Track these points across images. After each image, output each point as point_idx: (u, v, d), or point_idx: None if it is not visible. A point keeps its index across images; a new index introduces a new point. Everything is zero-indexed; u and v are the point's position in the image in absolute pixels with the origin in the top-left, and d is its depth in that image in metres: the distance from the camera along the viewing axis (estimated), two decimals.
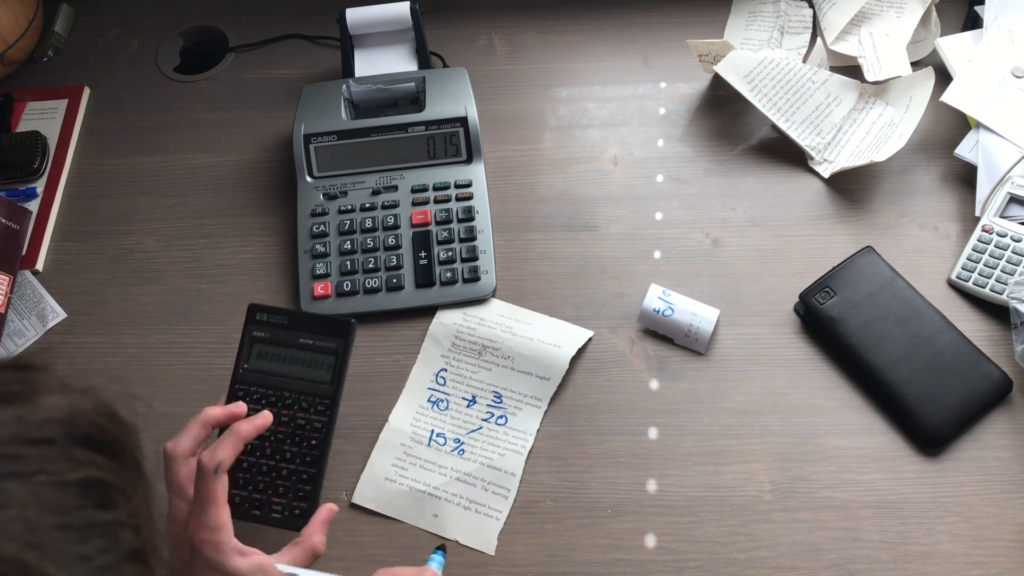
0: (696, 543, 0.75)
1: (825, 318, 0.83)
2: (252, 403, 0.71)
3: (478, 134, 0.94)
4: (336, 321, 0.73)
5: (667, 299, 0.85)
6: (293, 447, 0.71)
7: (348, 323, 0.73)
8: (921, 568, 0.73)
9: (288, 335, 0.73)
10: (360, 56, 1.01)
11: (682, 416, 0.81)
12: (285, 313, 0.73)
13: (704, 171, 0.95)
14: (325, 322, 0.73)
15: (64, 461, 0.25)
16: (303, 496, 0.71)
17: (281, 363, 0.73)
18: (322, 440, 0.71)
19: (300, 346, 0.73)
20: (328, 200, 0.93)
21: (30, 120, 1.04)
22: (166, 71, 1.09)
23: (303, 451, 0.71)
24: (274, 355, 0.73)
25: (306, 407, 0.72)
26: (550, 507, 0.78)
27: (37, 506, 0.24)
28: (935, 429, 0.78)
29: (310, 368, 0.72)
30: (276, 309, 0.73)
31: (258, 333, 0.73)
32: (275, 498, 0.71)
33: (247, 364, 0.72)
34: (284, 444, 0.71)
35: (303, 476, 0.71)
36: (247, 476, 0.71)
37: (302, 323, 0.73)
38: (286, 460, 0.71)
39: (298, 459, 0.71)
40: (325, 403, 0.72)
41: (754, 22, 1.05)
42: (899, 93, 0.94)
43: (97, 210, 0.98)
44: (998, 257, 0.84)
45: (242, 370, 0.72)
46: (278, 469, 0.71)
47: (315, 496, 0.71)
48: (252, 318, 0.73)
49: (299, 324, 0.73)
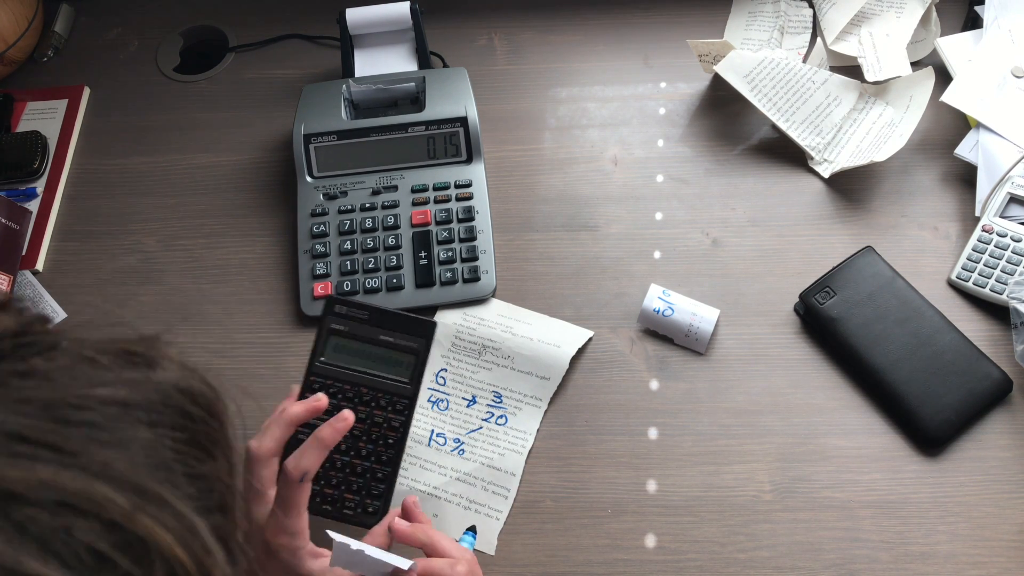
0: (696, 543, 0.75)
1: (825, 318, 0.83)
2: (329, 395, 0.69)
3: (478, 134, 0.94)
4: (419, 321, 0.71)
5: (667, 299, 0.85)
6: (369, 444, 0.70)
7: (431, 324, 0.71)
8: (921, 568, 0.73)
9: (369, 330, 0.71)
10: (360, 56, 1.01)
11: (682, 416, 0.81)
12: (366, 308, 0.71)
13: (704, 171, 0.95)
14: (407, 321, 0.71)
15: (178, 418, 0.31)
16: (377, 494, 0.70)
17: (360, 358, 0.71)
18: (399, 439, 0.70)
19: (380, 343, 0.70)
20: (328, 200, 0.93)
21: (30, 120, 1.04)
22: (166, 71, 1.09)
23: (379, 449, 0.70)
24: (352, 349, 0.71)
25: (384, 405, 0.70)
26: (550, 507, 0.78)
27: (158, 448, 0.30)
28: (935, 429, 0.78)
29: (390, 366, 0.71)
30: (357, 303, 0.71)
31: (336, 326, 0.70)
32: (348, 494, 0.70)
33: (323, 357, 0.70)
34: (360, 441, 0.70)
35: (378, 474, 0.70)
36: (320, 471, 0.69)
37: (384, 319, 0.71)
38: (361, 457, 0.70)
39: (373, 457, 0.70)
40: (404, 402, 0.70)
41: (754, 22, 1.05)
42: (899, 93, 0.94)
43: (97, 210, 0.98)
44: (998, 257, 0.84)
45: (318, 362, 0.70)
46: (352, 466, 0.70)
47: (388, 494, 0.70)
48: (330, 310, 0.71)
49: (381, 320, 0.71)
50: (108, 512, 0.27)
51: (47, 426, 0.27)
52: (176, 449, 0.30)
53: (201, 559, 0.29)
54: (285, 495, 0.62)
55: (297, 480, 0.62)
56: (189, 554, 0.29)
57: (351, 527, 0.69)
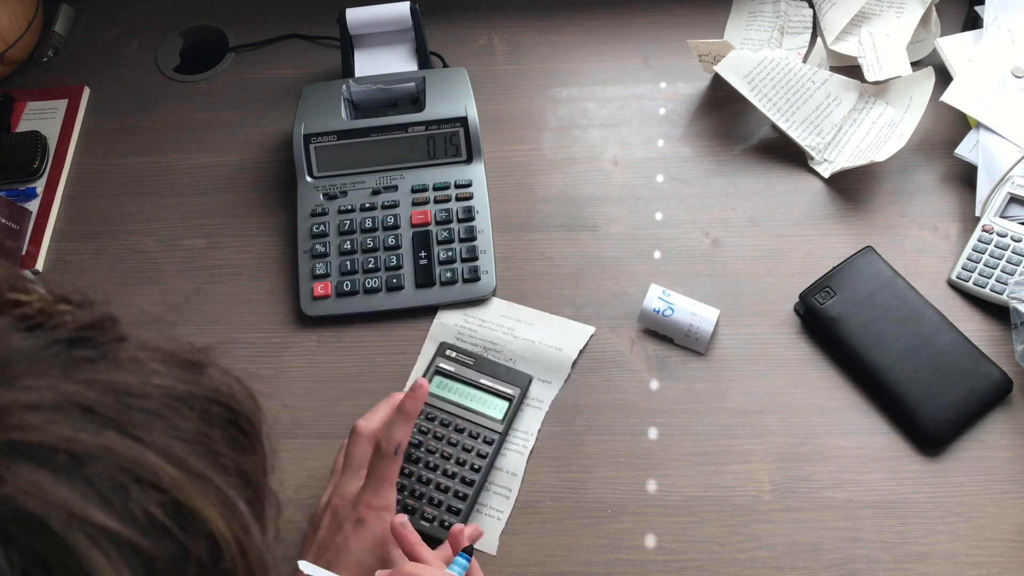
0: (696, 543, 0.75)
1: (825, 318, 0.83)
2: (426, 420, 0.79)
3: (478, 134, 0.94)
4: (518, 373, 0.82)
5: (667, 299, 0.85)
6: (456, 466, 0.78)
7: (528, 377, 0.82)
8: (921, 568, 0.73)
9: (472, 373, 0.82)
10: (360, 56, 1.01)
11: (682, 416, 0.81)
12: (473, 355, 0.83)
13: (704, 171, 0.95)
14: (507, 371, 0.82)
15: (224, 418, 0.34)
16: (455, 512, 0.76)
17: (459, 396, 0.81)
18: (484, 467, 0.78)
19: (480, 386, 0.81)
20: (328, 200, 0.93)
21: (30, 120, 1.04)
22: (166, 71, 1.09)
23: (464, 472, 0.77)
24: (454, 388, 0.81)
25: (475, 436, 0.79)
26: (550, 507, 0.78)
27: (205, 439, 0.33)
28: (935, 429, 0.78)
29: (485, 406, 0.80)
30: (466, 351, 0.83)
31: (444, 366, 0.82)
32: (428, 507, 0.76)
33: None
34: (448, 461, 0.78)
35: (459, 493, 0.77)
36: (406, 482, 0.77)
37: (487, 367, 0.82)
38: (446, 476, 0.77)
39: (458, 477, 0.77)
40: (494, 436, 0.79)
41: (754, 22, 1.05)
42: (899, 93, 0.94)
43: (97, 210, 0.98)
44: (998, 257, 0.84)
45: None
46: (437, 483, 0.77)
47: (467, 514, 0.76)
48: (441, 352, 0.83)
49: (484, 367, 0.82)
50: (161, 481, 0.30)
51: (112, 404, 0.30)
52: (221, 442, 0.34)
53: (240, 537, 0.32)
54: (380, 468, 0.69)
55: (392, 452, 0.69)
56: (230, 530, 0.32)
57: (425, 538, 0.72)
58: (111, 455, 0.29)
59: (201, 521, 0.31)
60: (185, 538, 0.30)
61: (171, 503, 0.30)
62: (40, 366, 0.30)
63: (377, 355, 0.86)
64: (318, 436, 0.81)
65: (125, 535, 0.28)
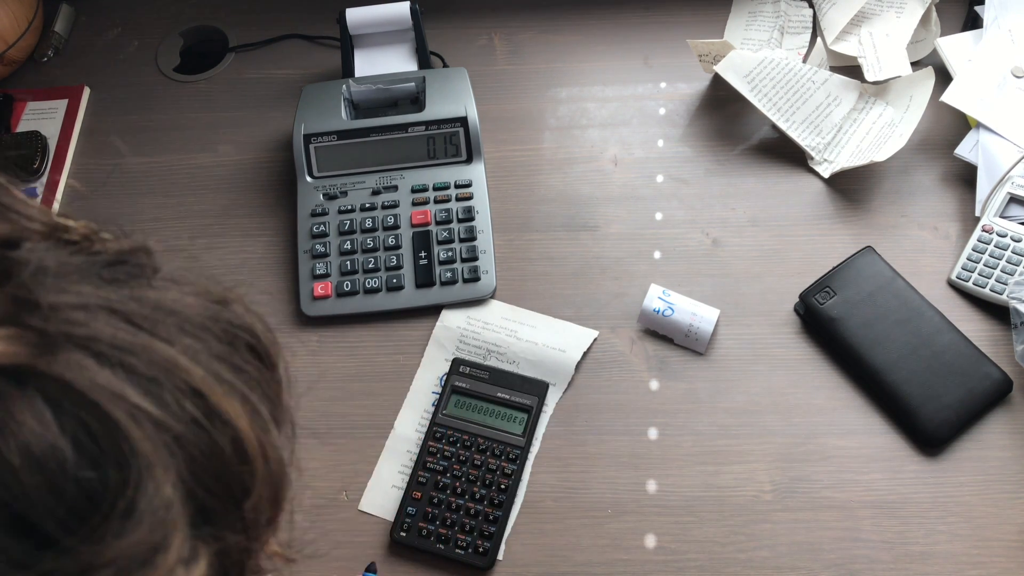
0: (696, 543, 0.75)
1: (825, 318, 0.83)
2: (448, 445, 0.79)
3: (478, 134, 0.94)
4: (534, 381, 0.82)
5: (667, 299, 0.85)
6: (483, 489, 0.77)
7: (544, 384, 0.82)
8: (921, 568, 0.73)
9: (487, 388, 0.81)
10: (360, 56, 1.01)
11: (682, 416, 0.81)
12: (487, 369, 0.82)
13: (704, 171, 0.95)
14: (523, 381, 0.82)
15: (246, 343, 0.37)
16: (488, 535, 0.76)
17: (478, 413, 0.81)
18: (511, 486, 0.77)
19: (497, 400, 0.81)
20: (328, 200, 0.93)
21: (30, 120, 1.04)
22: (166, 71, 1.09)
23: (491, 494, 0.77)
24: (472, 405, 0.81)
25: (498, 454, 0.79)
26: (550, 507, 0.78)
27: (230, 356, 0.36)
28: (935, 429, 0.78)
29: (505, 421, 0.80)
30: (479, 364, 0.82)
31: (459, 384, 0.82)
32: (460, 534, 0.76)
33: (446, 410, 0.81)
34: (474, 485, 0.78)
35: (489, 517, 0.76)
36: (436, 511, 0.77)
37: (501, 379, 0.82)
38: (475, 500, 0.77)
39: (486, 500, 0.77)
40: (516, 452, 0.79)
41: (754, 22, 1.05)
42: (899, 93, 0.94)
43: (97, 210, 0.98)
44: (998, 257, 0.84)
45: (442, 415, 0.80)
46: (467, 508, 0.77)
47: (499, 537, 0.76)
48: (455, 370, 0.82)
49: (499, 379, 0.82)
50: (192, 379, 0.33)
51: (149, 314, 0.34)
52: (243, 361, 0.36)
53: (261, 438, 0.35)
54: None
55: None
56: (253, 430, 0.34)
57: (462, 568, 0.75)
58: (147, 352, 0.32)
59: (226, 419, 0.33)
60: (213, 430, 0.33)
61: (200, 399, 0.33)
62: (86, 277, 0.34)
63: (377, 355, 0.86)
64: (318, 436, 0.81)
65: (160, 417, 0.31)
